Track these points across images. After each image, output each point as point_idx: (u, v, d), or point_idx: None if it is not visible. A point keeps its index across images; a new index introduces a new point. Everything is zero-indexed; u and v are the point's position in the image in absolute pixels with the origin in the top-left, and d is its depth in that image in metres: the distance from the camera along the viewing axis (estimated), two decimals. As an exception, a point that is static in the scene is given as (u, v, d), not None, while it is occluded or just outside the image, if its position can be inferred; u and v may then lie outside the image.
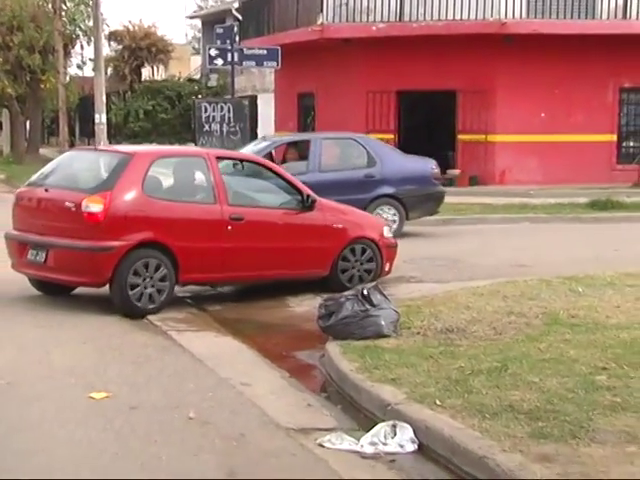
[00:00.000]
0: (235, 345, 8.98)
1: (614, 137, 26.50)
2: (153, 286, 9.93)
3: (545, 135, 25.27)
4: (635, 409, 6.14)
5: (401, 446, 5.98)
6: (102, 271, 9.83)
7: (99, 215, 9.76)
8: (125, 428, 6.32)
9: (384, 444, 6.01)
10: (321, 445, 6.03)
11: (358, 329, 8.34)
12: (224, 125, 21.65)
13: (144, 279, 9.87)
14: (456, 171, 25.63)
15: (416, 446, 5.98)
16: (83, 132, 44.71)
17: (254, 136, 27.02)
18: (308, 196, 11.10)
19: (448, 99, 25.78)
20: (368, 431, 6.18)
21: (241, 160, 11.78)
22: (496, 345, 7.91)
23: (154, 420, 6.52)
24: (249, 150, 15.95)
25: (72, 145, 37.81)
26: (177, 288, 10.49)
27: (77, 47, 41.33)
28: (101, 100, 22.75)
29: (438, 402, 6.41)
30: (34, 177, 11.22)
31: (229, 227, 10.44)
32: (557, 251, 14.79)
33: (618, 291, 10.17)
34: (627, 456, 5.37)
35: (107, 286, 10.00)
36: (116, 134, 36.46)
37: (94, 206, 9.75)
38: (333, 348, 8.14)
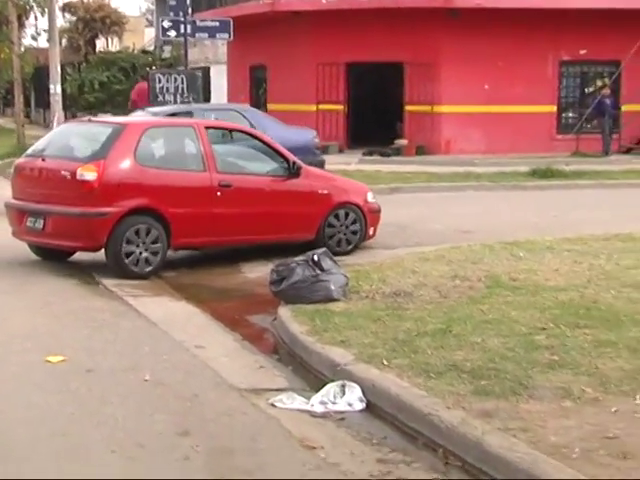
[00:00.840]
0: (189, 310, 8.97)
1: (554, 108, 26.71)
2: (147, 250, 10.10)
3: (489, 106, 25.38)
4: (571, 366, 6.24)
5: (350, 405, 6.03)
6: (97, 236, 10.03)
7: (93, 183, 9.96)
8: (81, 390, 6.31)
9: (333, 403, 6.06)
10: (273, 405, 6.06)
11: (308, 293, 8.36)
12: (178, 96, 21.44)
13: (138, 244, 10.03)
14: (404, 141, 25.67)
15: (364, 405, 6.03)
16: (38, 103, 44.17)
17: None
18: (294, 163, 11.27)
19: (396, 71, 25.77)
20: (318, 391, 6.22)
21: (230, 130, 11.88)
22: (441, 307, 7.98)
23: (110, 382, 6.50)
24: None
25: (27, 116, 37.36)
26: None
27: (31, 18, 40.73)
28: (56, 71, 22.45)
29: (385, 362, 6.46)
30: (31, 149, 11.51)
31: (218, 193, 10.66)
32: (499, 218, 14.90)
33: (557, 255, 10.29)
34: (563, 411, 5.46)
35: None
36: (71, 105, 36.02)
37: (88, 174, 9.95)
38: (284, 312, 8.16)
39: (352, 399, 6.06)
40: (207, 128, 11.05)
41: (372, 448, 5.35)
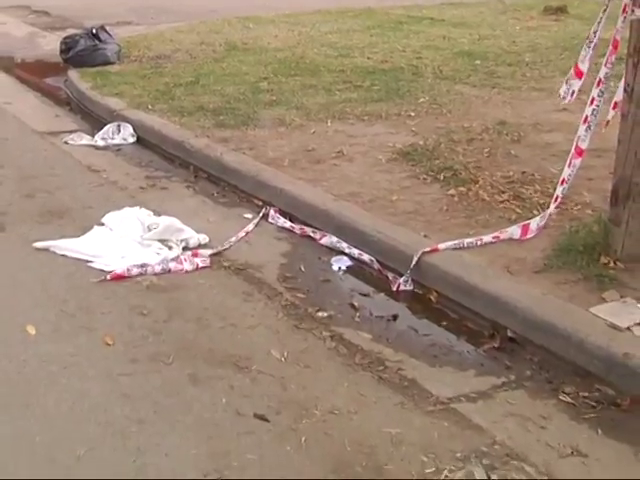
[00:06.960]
0: (-3, 75, 8.18)
1: None
2: None
3: None
4: (285, 103, 6.26)
5: (124, 139, 5.82)
6: None
7: None
8: None
9: (112, 139, 5.83)
10: (66, 142, 5.74)
11: (91, 59, 7.83)
12: None
13: None
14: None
15: (135, 139, 5.84)
16: None
17: None
18: None
19: None
20: (100, 131, 5.94)
21: None
22: (192, 66, 7.67)
23: None
24: None
25: None
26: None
27: None
28: None
29: (150, 107, 6.23)
30: None
31: None
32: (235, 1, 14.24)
33: (276, 26, 10.01)
34: (279, 134, 5.52)
35: None
36: None
37: None
38: (73, 74, 7.61)
39: (126, 135, 5.85)
40: None
41: (142, 169, 5.22)
